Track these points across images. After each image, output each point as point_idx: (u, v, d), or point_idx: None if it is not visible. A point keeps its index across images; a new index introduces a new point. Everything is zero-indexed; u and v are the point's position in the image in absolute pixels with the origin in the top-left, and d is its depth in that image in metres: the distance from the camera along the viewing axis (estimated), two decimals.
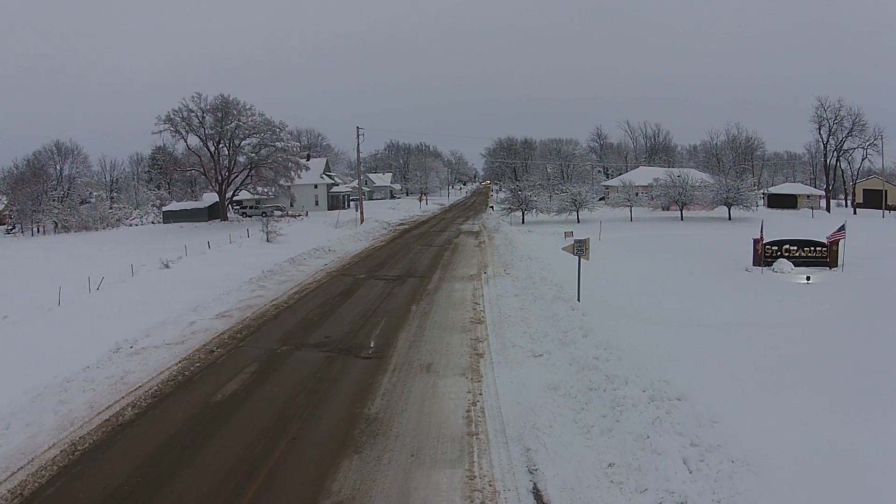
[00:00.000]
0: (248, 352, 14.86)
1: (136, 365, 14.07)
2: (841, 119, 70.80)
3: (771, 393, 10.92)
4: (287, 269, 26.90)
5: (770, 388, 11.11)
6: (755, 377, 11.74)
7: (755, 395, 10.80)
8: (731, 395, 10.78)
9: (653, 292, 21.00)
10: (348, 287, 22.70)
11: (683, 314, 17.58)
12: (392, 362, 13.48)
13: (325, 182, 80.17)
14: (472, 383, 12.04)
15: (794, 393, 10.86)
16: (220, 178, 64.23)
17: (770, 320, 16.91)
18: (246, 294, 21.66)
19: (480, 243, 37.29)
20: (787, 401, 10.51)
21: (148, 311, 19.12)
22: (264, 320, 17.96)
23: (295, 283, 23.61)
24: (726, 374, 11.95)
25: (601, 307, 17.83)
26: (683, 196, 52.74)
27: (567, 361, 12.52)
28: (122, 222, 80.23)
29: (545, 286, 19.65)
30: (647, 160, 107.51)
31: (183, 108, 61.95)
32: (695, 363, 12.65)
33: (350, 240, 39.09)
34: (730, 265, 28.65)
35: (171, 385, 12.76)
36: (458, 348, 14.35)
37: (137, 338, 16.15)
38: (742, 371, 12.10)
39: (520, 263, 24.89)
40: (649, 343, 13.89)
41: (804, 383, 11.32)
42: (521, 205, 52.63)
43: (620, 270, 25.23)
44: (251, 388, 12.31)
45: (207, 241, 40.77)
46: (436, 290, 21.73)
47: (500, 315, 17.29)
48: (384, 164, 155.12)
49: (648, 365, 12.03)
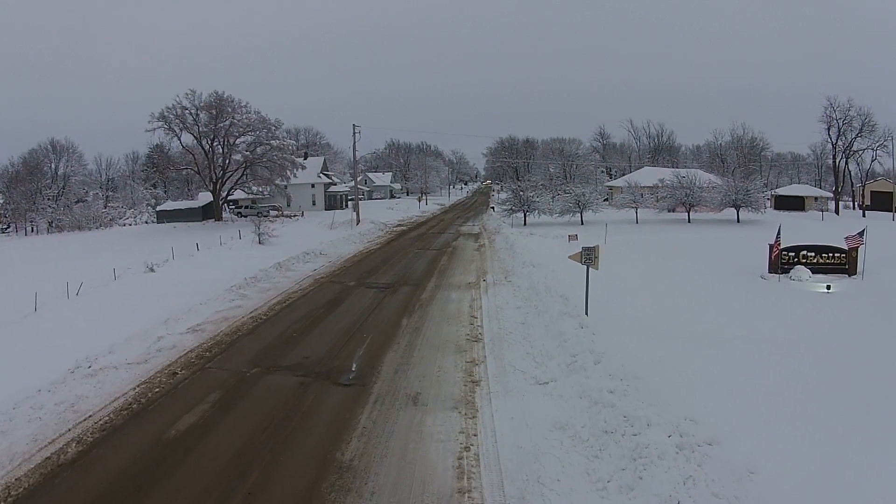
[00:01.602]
0: (214, 375, 13.17)
1: (90, 389, 12.46)
2: (850, 119, 69.15)
3: (809, 427, 9.41)
4: (272, 275, 25.20)
5: (808, 422, 9.60)
6: (788, 408, 10.17)
7: (790, 432, 9.23)
8: (765, 432, 9.23)
9: (665, 302, 19.37)
10: (336, 296, 20.97)
11: (700, 328, 15.98)
12: (374, 391, 11.76)
13: (323, 181, 78.46)
14: (466, 420, 10.32)
15: (835, 427, 9.27)
16: (215, 176, 62.62)
17: (794, 335, 15.34)
18: (224, 304, 19.97)
19: (480, 246, 35.56)
20: (826, 437, 9.00)
21: (119, 321, 17.56)
22: (239, 335, 16.25)
23: (279, 292, 21.91)
24: (756, 406, 10.35)
25: (611, 322, 16.14)
26: (691, 197, 50.92)
27: (576, 393, 10.80)
28: (115, 222, 78.68)
29: (549, 297, 17.93)
30: (652, 160, 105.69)
31: (177, 105, 60.40)
32: (721, 392, 10.99)
33: (344, 242, 37.37)
34: (743, 271, 27.02)
35: (124, 415, 11.12)
36: (451, 373, 12.63)
37: (99, 354, 14.53)
38: (773, 401, 10.54)
39: (522, 270, 23.16)
40: (668, 367, 12.20)
41: (847, 416, 9.70)
42: (523, 206, 50.86)
43: (629, 277, 23.55)
44: (210, 423, 10.62)
45: (196, 242, 39.13)
46: (430, 300, 20.00)
47: (500, 331, 15.57)
48: (384, 163, 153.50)
49: (671, 398, 10.32)
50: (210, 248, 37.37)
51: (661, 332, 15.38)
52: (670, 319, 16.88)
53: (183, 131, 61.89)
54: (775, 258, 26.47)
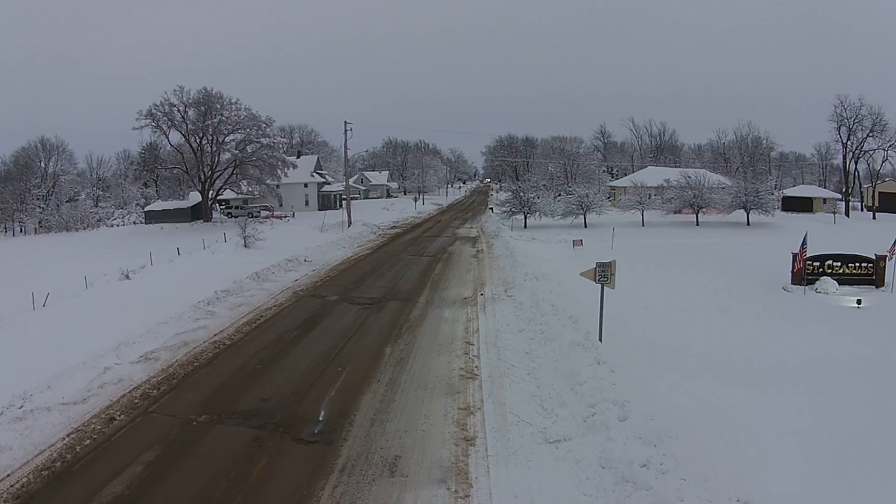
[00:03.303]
0: (156, 423, 10.82)
1: (15, 437, 10.32)
2: (861, 118, 66.79)
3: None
4: (248, 287, 22.81)
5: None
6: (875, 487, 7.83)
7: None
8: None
9: (685, 320, 17.17)
10: (313, 314, 18.58)
11: (730, 353, 13.91)
12: (343, 452, 9.38)
13: (316, 181, 76.02)
14: (457, 500, 7.97)
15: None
16: (203, 176, 60.25)
17: (844, 362, 13.22)
18: (188, 323, 17.61)
19: (478, 252, 33.17)
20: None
21: (71, 343, 15.37)
22: (195, 367, 13.88)
23: (251, 308, 19.54)
24: (819, 474, 8.06)
25: (630, 347, 13.85)
26: (700, 199, 48.57)
27: (597, 459, 8.47)
28: (103, 223, 76.32)
29: (557, 319, 15.59)
30: (654, 159, 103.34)
31: (165, 102, 58.08)
32: (777, 456, 8.70)
33: (331, 247, 34.94)
34: (764, 282, 24.82)
35: (44, 477, 8.96)
36: (439, 426, 10.24)
37: (36, 390, 12.36)
38: (841, 465, 8.26)
39: (524, 283, 20.80)
40: (708, 418, 9.89)
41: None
42: (524, 208, 48.41)
43: (641, 287, 21.24)
44: (137, 497, 8.30)
45: (178, 247, 36.83)
46: (420, 320, 17.60)
47: (500, 364, 13.21)
48: (382, 161, 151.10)
49: (720, 470, 8.01)
50: (192, 253, 35.07)
51: (689, 362, 13.14)
52: (695, 342, 14.70)
53: (171, 129, 59.76)
54: (799, 268, 24.27)
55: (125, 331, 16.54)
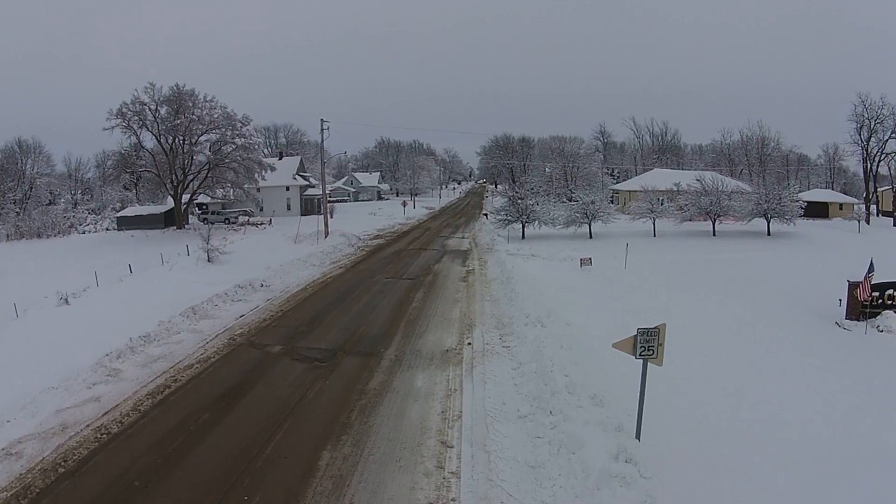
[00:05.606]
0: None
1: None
2: (883, 119, 62.45)
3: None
4: (177, 326, 18.04)
5: None
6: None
7: None
8: None
9: (733, 380, 12.83)
10: (241, 380, 13.71)
11: (812, 439, 9.81)
12: None
13: (299, 183, 71.18)
14: None
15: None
16: (175, 179, 55.47)
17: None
18: (81, 391, 12.90)
19: (468, 273, 28.40)
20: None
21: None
22: (58, 476, 9.14)
23: (168, 366, 14.73)
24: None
25: (679, 444, 9.29)
26: (718, 206, 43.95)
27: None
28: (74, 229, 71.42)
29: (573, 399, 10.89)
30: (657, 160, 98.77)
31: (135, 100, 53.30)
32: None
33: (298, 266, 30.13)
34: (810, 314, 20.50)
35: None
36: None
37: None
38: None
39: (524, 329, 16.06)
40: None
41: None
42: (521, 216, 43.66)
43: (672, 327, 16.46)
44: None
45: (129, 263, 32.04)
46: (380, 394, 12.64)
47: (491, 492, 8.50)
48: (374, 162, 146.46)
49: None
50: (147, 269, 30.29)
51: (761, 464, 8.62)
52: (756, 420, 10.65)
53: (142, 129, 55.04)
54: (860, 301, 19.82)
55: (5, 399, 12.04)
